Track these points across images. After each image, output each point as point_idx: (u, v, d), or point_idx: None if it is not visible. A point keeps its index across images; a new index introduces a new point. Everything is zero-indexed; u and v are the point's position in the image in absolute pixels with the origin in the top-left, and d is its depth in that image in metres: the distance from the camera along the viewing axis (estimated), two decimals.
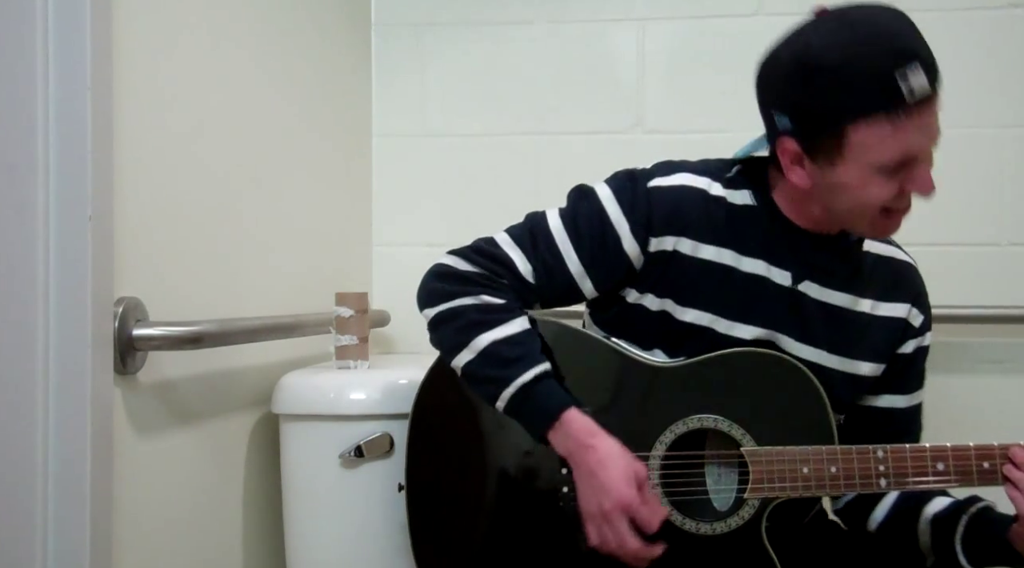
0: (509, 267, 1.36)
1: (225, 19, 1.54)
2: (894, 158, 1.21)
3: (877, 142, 1.20)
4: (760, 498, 1.30)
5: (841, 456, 1.29)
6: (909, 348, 1.42)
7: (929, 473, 1.28)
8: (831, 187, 1.27)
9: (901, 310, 1.41)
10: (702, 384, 1.34)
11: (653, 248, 1.35)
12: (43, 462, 1.16)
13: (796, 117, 1.25)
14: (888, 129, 1.20)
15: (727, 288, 1.35)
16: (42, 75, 1.15)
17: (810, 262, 1.36)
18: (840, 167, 1.24)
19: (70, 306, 1.17)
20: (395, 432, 1.54)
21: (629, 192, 1.36)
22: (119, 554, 1.25)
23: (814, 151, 1.25)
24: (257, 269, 1.64)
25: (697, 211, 1.35)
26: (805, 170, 1.28)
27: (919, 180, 1.24)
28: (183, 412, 1.43)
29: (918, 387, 1.45)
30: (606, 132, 2.10)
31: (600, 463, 1.26)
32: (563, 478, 1.34)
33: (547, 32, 2.12)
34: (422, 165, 2.17)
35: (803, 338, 1.36)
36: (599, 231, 1.35)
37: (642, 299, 1.37)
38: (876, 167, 1.22)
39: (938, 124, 1.25)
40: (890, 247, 1.45)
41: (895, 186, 1.24)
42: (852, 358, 1.38)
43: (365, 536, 1.56)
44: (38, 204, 1.16)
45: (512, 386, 1.29)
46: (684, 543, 1.31)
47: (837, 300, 1.37)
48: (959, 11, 2.00)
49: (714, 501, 1.35)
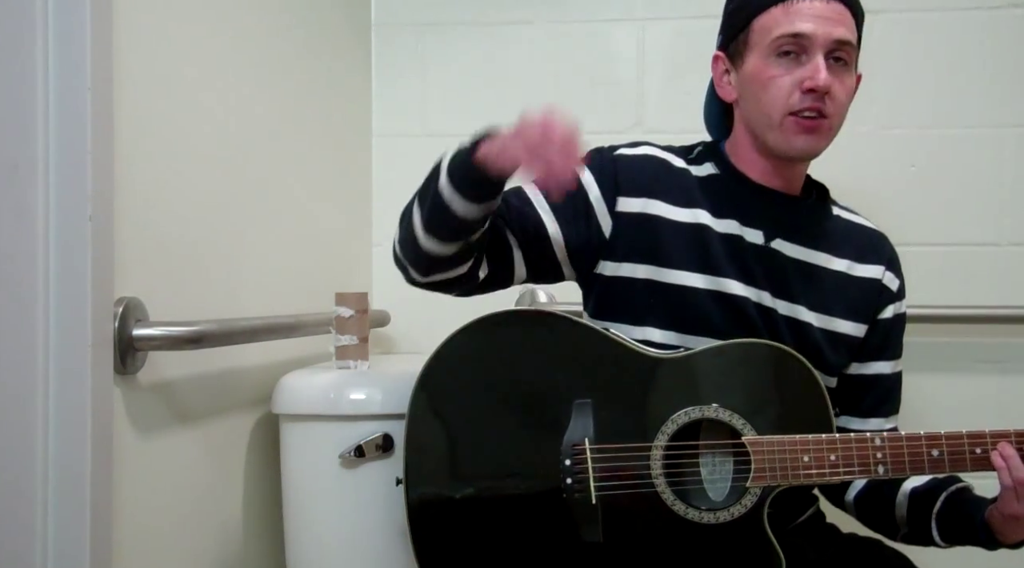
0: None
1: (225, 19, 1.54)
2: (784, 34, 1.34)
3: (771, 25, 1.36)
4: (762, 486, 1.32)
5: (840, 444, 1.32)
6: (889, 313, 1.48)
7: (924, 459, 1.31)
8: (743, 86, 1.40)
9: (876, 271, 1.47)
10: (702, 375, 1.36)
11: (621, 208, 1.41)
12: (43, 462, 1.16)
13: (723, 28, 1.45)
14: (780, 12, 1.35)
15: (706, 246, 1.40)
16: (42, 75, 1.15)
17: (780, 220, 1.43)
18: (747, 60, 1.39)
19: (70, 306, 1.17)
20: (395, 432, 1.54)
21: (596, 159, 1.44)
22: (119, 554, 1.25)
23: (733, 55, 1.42)
24: (257, 269, 1.64)
25: (665, 177, 1.43)
26: (731, 82, 1.43)
27: (811, 67, 1.33)
28: (183, 412, 1.43)
29: (899, 354, 1.52)
30: (606, 132, 2.09)
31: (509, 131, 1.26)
32: (566, 469, 1.35)
33: (547, 32, 2.13)
34: (422, 165, 2.15)
35: (779, 293, 1.41)
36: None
37: (619, 269, 1.41)
38: (769, 46, 1.35)
39: (842, 27, 1.35)
40: (859, 217, 1.53)
41: (790, 78, 1.34)
42: (831, 315, 1.43)
43: (365, 536, 1.56)
44: (38, 204, 1.16)
45: (444, 160, 1.32)
46: (688, 532, 1.33)
47: (811, 257, 1.44)
48: (959, 11, 2.00)
49: (712, 491, 1.36)
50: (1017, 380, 1.99)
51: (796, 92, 1.34)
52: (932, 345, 1.93)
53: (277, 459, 1.62)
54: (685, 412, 1.34)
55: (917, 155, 2.02)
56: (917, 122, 2.02)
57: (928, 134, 2.02)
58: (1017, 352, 2.00)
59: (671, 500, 1.33)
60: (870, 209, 1.58)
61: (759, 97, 1.37)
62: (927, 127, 2.02)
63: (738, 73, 1.41)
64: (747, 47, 1.39)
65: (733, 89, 1.43)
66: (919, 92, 2.02)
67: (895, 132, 2.02)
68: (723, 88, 1.45)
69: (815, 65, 1.33)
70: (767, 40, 1.36)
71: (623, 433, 1.34)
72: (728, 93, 1.44)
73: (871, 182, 1.99)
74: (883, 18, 2.00)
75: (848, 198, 1.57)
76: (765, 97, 1.36)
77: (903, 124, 2.02)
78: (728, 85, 1.44)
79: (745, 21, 1.39)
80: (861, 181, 1.97)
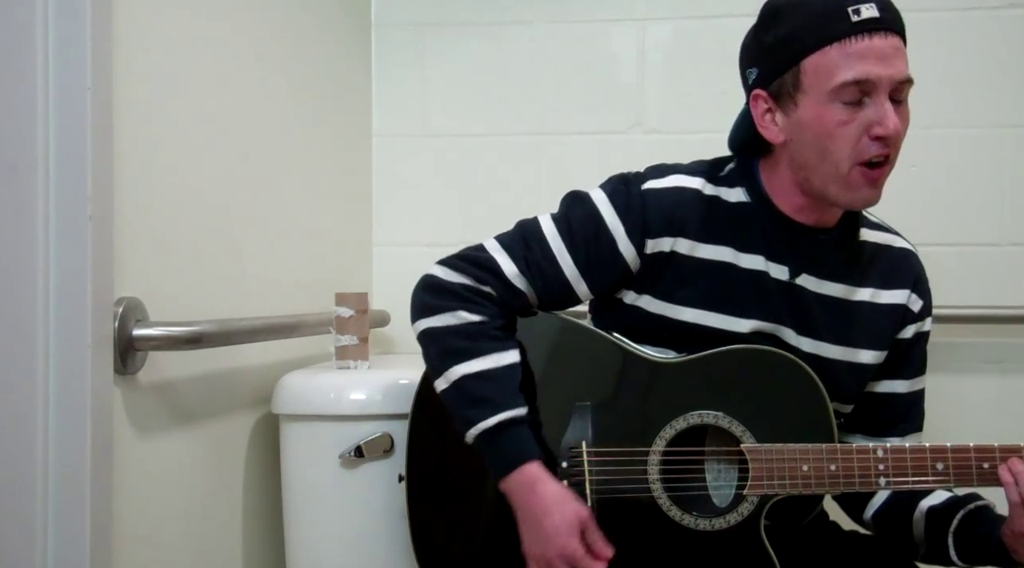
0: (494, 270, 1.36)
1: (225, 19, 1.54)
2: (845, 80, 1.24)
3: (830, 68, 1.24)
4: (759, 495, 1.30)
5: (841, 455, 1.29)
6: (909, 333, 1.43)
7: (928, 473, 1.28)
8: (798, 131, 1.29)
9: (901, 296, 1.41)
10: (703, 380, 1.34)
11: (650, 250, 1.36)
12: (43, 462, 1.16)
13: (761, 63, 1.32)
14: (839, 55, 1.24)
15: (727, 284, 1.35)
16: (42, 75, 1.15)
17: (806, 255, 1.37)
18: (801, 104, 1.28)
19: (70, 306, 1.17)
20: (395, 432, 1.54)
21: (623, 195, 1.37)
22: (119, 554, 1.25)
23: (779, 94, 1.30)
24: (257, 269, 1.64)
25: (693, 211, 1.36)
26: (776, 122, 1.31)
27: (878, 113, 1.25)
28: (183, 412, 1.43)
29: (919, 373, 1.46)
30: (606, 132, 2.10)
31: (545, 511, 1.28)
32: (563, 472, 1.35)
33: (547, 32, 2.12)
34: (422, 165, 2.17)
35: (803, 330, 1.37)
36: (594, 234, 1.36)
37: (639, 300, 1.38)
38: (831, 93, 1.25)
39: (902, 62, 1.27)
40: (887, 234, 1.45)
41: (857, 124, 1.25)
42: (853, 347, 1.38)
43: (365, 536, 1.56)
44: (38, 204, 1.16)
45: (476, 429, 1.31)
46: (683, 539, 1.32)
47: (834, 291, 1.38)
48: (959, 11, 2.00)
49: (713, 497, 1.35)
50: (1017, 380, 1.99)
51: (864, 139, 1.26)
52: (932, 345, 1.92)
53: (277, 459, 1.62)
54: (684, 417, 1.33)
55: (917, 155, 2.01)
56: (917, 122, 1.99)
57: (928, 134, 2.01)
58: (1017, 352, 2.00)
59: (667, 505, 1.32)
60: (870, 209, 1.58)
61: (823, 146, 1.27)
62: (927, 127, 2.01)
63: (787, 116, 1.30)
64: (798, 89, 1.27)
65: (780, 131, 1.31)
66: (919, 92, 2.00)
67: None
68: (767, 129, 1.32)
69: (883, 111, 1.24)
70: (828, 86, 1.24)
71: (621, 437, 1.33)
72: (774, 135, 1.32)
73: None
74: None
75: None
76: (831, 146, 1.26)
77: None
78: (773, 125, 1.32)
79: (793, 59, 1.27)
80: None
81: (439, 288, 1.37)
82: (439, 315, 1.35)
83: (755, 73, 1.33)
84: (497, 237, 1.40)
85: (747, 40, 1.36)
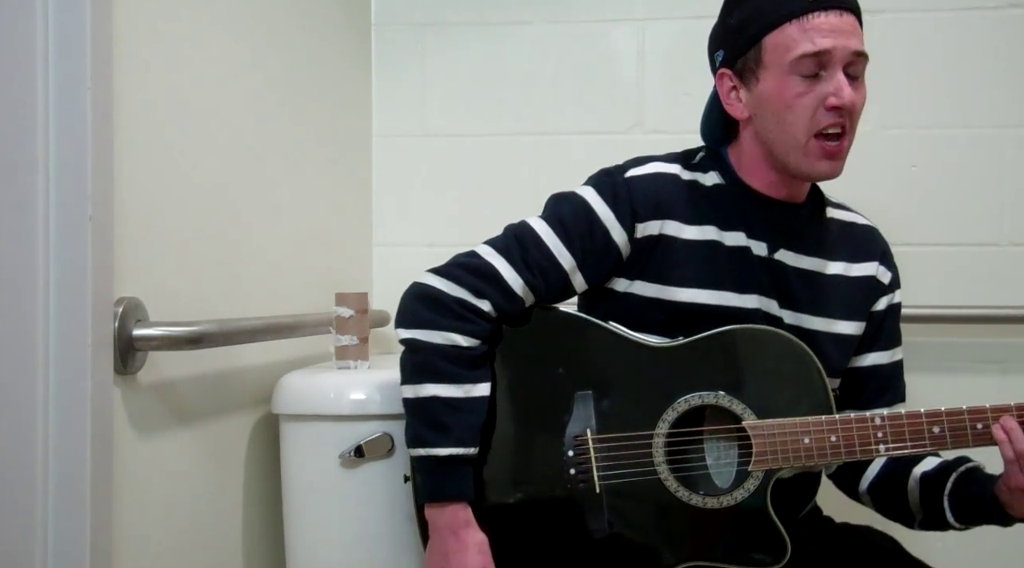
0: (494, 278, 1.36)
1: (225, 19, 1.54)
2: (803, 53, 1.31)
3: (787, 42, 1.32)
4: (764, 470, 1.33)
5: (841, 425, 1.33)
6: (882, 305, 1.49)
7: (926, 437, 1.33)
8: (760, 105, 1.36)
9: (870, 268, 1.48)
10: (701, 362, 1.37)
11: (640, 234, 1.40)
12: (43, 462, 1.16)
13: (726, 44, 1.40)
14: (795, 29, 1.32)
15: (715, 262, 1.40)
16: (42, 75, 1.15)
17: (782, 231, 1.43)
18: (763, 79, 1.35)
19: (70, 306, 1.17)
20: (395, 432, 1.54)
21: (609, 185, 1.42)
22: (119, 554, 1.25)
23: (743, 72, 1.38)
24: (257, 269, 1.64)
25: (676, 194, 1.42)
26: (740, 98, 1.39)
27: (833, 85, 1.31)
28: (183, 412, 1.43)
29: (896, 344, 1.52)
30: (606, 132, 2.10)
31: (457, 552, 1.32)
32: (570, 460, 1.36)
33: (547, 32, 2.12)
34: (422, 165, 2.17)
35: (785, 303, 1.42)
36: (586, 226, 1.39)
37: (631, 287, 1.41)
38: (789, 65, 1.32)
39: (856, 38, 1.33)
40: (850, 213, 1.53)
41: (813, 95, 1.32)
42: (832, 318, 1.44)
43: (365, 536, 1.56)
44: (38, 204, 1.15)
45: (426, 450, 1.34)
46: (692, 518, 1.34)
47: (810, 265, 1.44)
48: (959, 11, 2.00)
49: (715, 477, 1.37)
50: (1017, 380, 1.99)
51: (820, 109, 1.32)
52: (932, 345, 1.93)
53: (277, 459, 1.62)
54: (685, 399, 1.36)
55: (917, 155, 2.02)
56: (917, 122, 2.02)
57: (928, 134, 2.02)
58: (1017, 352, 2.00)
59: (674, 487, 1.34)
60: (870, 209, 1.58)
61: (782, 117, 1.34)
62: (927, 127, 2.02)
63: (750, 91, 1.37)
64: (760, 65, 1.35)
65: (744, 107, 1.39)
66: (919, 92, 2.02)
67: (895, 132, 2.02)
68: (732, 105, 1.40)
69: (837, 82, 1.31)
70: (786, 59, 1.32)
71: (625, 422, 1.36)
72: (738, 111, 1.40)
73: (871, 182, 1.99)
74: (883, 18, 2.00)
75: (849, 198, 1.57)
76: (789, 117, 1.33)
77: (903, 124, 2.02)
78: (738, 102, 1.40)
79: (755, 38, 1.35)
80: (861, 181, 1.96)
81: (434, 300, 1.36)
82: (429, 331, 1.35)
83: (721, 55, 1.41)
84: (489, 242, 1.40)
85: (715, 26, 1.45)
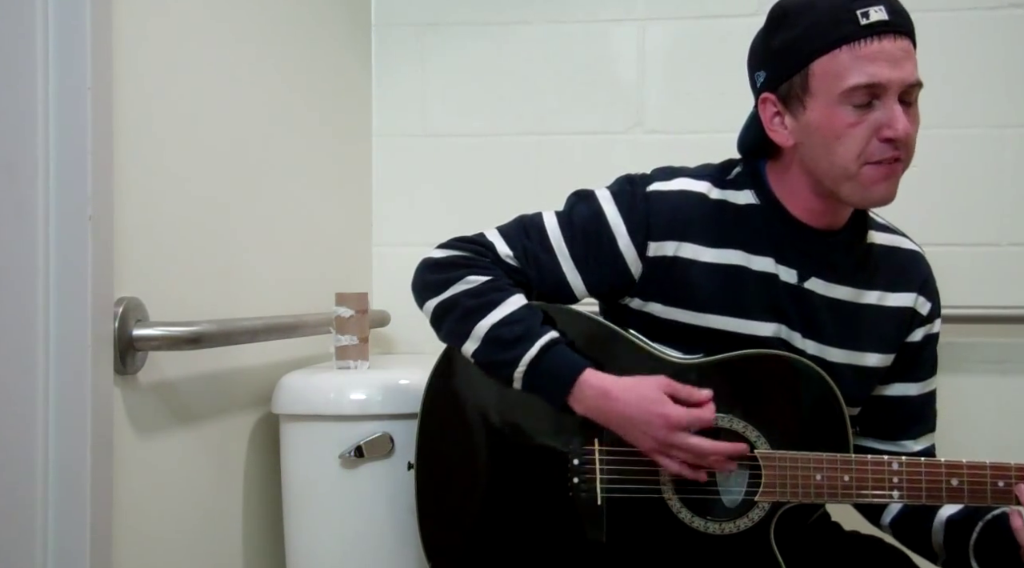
0: (490, 248, 1.39)
1: (225, 19, 1.54)
2: (855, 83, 1.24)
3: (839, 70, 1.24)
4: (771, 501, 1.30)
5: (856, 465, 1.29)
6: (918, 336, 1.43)
7: (943, 490, 1.27)
8: (808, 134, 1.29)
9: (908, 299, 1.41)
10: (718, 383, 1.32)
11: (652, 253, 1.36)
12: (43, 462, 1.16)
13: (769, 66, 1.32)
14: (848, 57, 1.24)
15: (739, 287, 1.35)
16: (42, 75, 1.15)
17: (816, 259, 1.37)
18: (810, 107, 1.28)
19: (70, 306, 1.17)
20: (395, 432, 1.54)
21: (628, 195, 1.38)
22: (119, 554, 1.25)
23: (788, 98, 1.30)
24: (257, 269, 1.64)
25: (699, 214, 1.36)
26: (785, 125, 1.31)
27: (888, 115, 1.25)
28: (183, 412, 1.43)
29: (930, 375, 1.46)
30: (606, 132, 2.10)
31: (627, 406, 1.28)
32: (575, 469, 1.35)
33: (547, 32, 2.12)
34: (422, 165, 2.17)
35: (809, 334, 1.36)
36: (594, 230, 1.37)
37: (647, 307, 1.38)
38: (840, 95, 1.25)
39: (911, 65, 1.27)
40: (895, 236, 1.45)
41: (866, 126, 1.25)
42: (858, 350, 1.38)
43: (365, 536, 1.56)
44: (38, 204, 1.16)
45: (521, 365, 1.31)
46: (692, 541, 1.32)
47: (842, 295, 1.38)
48: (959, 11, 2.00)
49: (724, 500, 1.34)
50: (1018, 380, 1.99)
51: (873, 141, 1.26)
52: None
53: (277, 459, 1.62)
54: None
55: (917, 155, 2.01)
56: None
57: (928, 134, 2.01)
58: (1017, 352, 2.00)
59: (677, 508, 1.33)
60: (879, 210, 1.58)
61: (831, 148, 1.27)
62: (927, 127, 1.99)
63: (796, 119, 1.30)
64: (807, 92, 1.27)
65: (789, 135, 1.31)
66: (919, 92, 2.01)
67: None
68: (776, 132, 1.32)
69: (892, 113, 1.24)
70: (837, 89, 1.24)
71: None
72: (783, 138, 1.32)
73: None
74: None
75: None
76: (839, 148, 1.26)
77: None
78: (782, 128, 1.32)
79: (802, 63, 1.27)
80: None
81: (441, 264, 1.38)
82: (448, 287, 1.36)
83: (763, 76, 1.33)
84: (497, 227, 1.43)
85: (755, 43, 1.36)
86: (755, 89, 1.36)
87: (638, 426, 1.28)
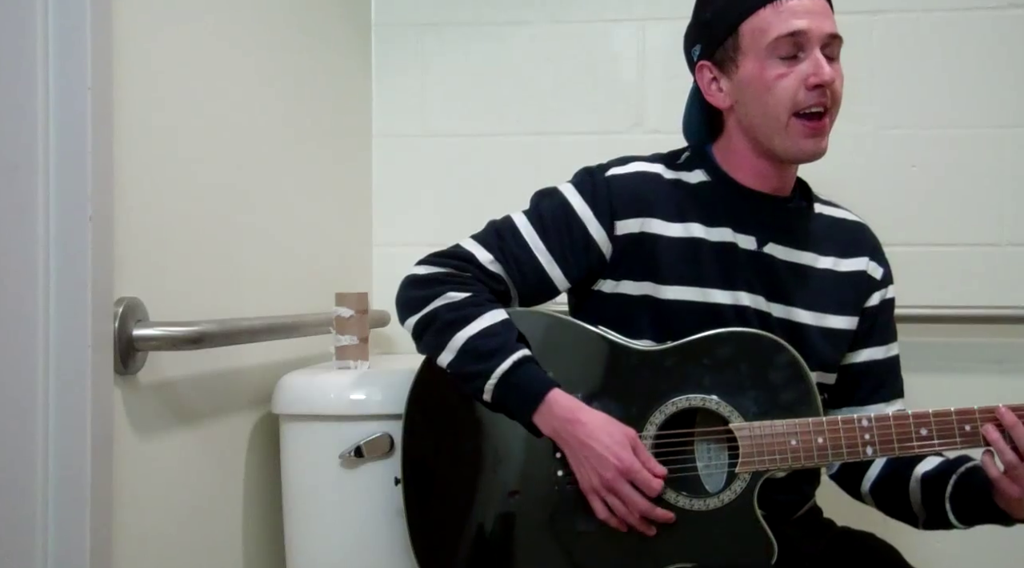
0: (471, 260, 1.42)
1: (225, 19, 1.54)
2: (779, 34, 1.34)
3: (763, 26, 1.35)
4: (751, 472, 1.33)
5: (827, 427, 1.33)
6: (875, 300, 1.50)
7: (913, 439, 1.32)
8: (741, 90, 1.39)
9: (860, 263, 1.49)
10: (688, 365, 1.37)
11: (619, 232, 1.42)
12: (43, 462, 1.17)
13: (703, 38, 1.43)
14: (770, 13, 1.35)
15: (701, 259, 1.41)
16: (42, 75, 1.15)
17: (771, 225, 1.44)
18: (742, 65, 1.38)
19: (70, 306, 1.17)
20: (395, 432, 1.54)
21: (589, 184, 1.45)
22: (119, 554, 1.25)
23: (722, 61, 1.40)
24: (257, 269, 1.64)
25: (657, 192, 1.44)
26: (721, 87, 1.42)
27: (813, 65, 1.34)
28: (183, 412, 1.43)
29: (893, 339, 1.53)
30: (606, 132, 2.10)
31: (589, 435, 1.31)
32: (558, 462, 1.36)
33: (547, 32, 2.12)
34: (422, 165, 2.17)
35: (774, 297, 1.43)
36: (564, 221, 1.43)
37: (619, 287, 1.43)
38: (767, 49, 1.35)
39: (829, 20, 1.37)
40: (839, 209, 1.54)
41: (794, 76, 1.35)
42: (823, 312, 1.44)
43: (365, 536, 1.56)
44: (38, 204, 1.16)
45: (493, 378, 1.33)
46: (679, 519, 1.34)
47: (801, 259, 1.45)
48: (959, 11, 2.00)
49: (704, 480, 1.37)
50: (1017, 380, 1.99)
51: (801, 89, 1.35)
52: (932, 345, 1.92)
53: (277, 459, 1.62)
54: (673, 402, 1.36)
55: (917, 155, 2.02)
56: (917, 122, 2.02)
57: (928, 134, 2.02)
58: (1017, 352, 2.00)
59: (662, 488, 1.34)
60: (871, 209, 1.58)
61: (763, 100, 1.37)
62: (927, 127, 2.02)
63: (731, 79, 1.40)
64: (738, 52, 1.38)
65: (726, 95, 1.41)
66: (919, 92, 2.02)
67: (895, 132, 2.02)
68: (713, 96, 1.43)
69: (816, 61, 1.34)
70: (763, 43, 1.35)
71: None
72: (720, 100, 1.42)
73: (871, 182, 1.99)
74: (883, 18, 2.00)
75: (848, 198, 1.57)
76: (770, 99, 1.36)
77: (903, 124, 2.02)
78: (719, 92, 1.42)
79: (731, 27, 1.38)
80: (861, 181, 1.97)
81: (422, 281, 1.42)
82: (427, 304, 1.39)
83: (699, 49, 1.44)
84: (472, 236, 1.47)
85: (688, 25, 1.47)
86: (691, 65, 1.46)
87: (591, 459, 1.31)
